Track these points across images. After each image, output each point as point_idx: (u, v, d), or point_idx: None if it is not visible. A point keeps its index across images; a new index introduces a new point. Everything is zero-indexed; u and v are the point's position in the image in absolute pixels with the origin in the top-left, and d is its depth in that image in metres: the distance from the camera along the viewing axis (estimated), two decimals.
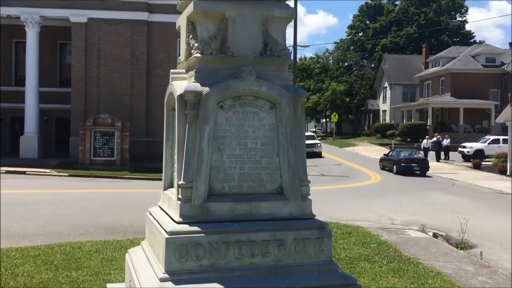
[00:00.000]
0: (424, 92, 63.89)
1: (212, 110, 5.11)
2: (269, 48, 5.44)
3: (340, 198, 19.28)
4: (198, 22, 5.36)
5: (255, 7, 5.35)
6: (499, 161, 31.25)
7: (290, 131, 5.34)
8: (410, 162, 29.50)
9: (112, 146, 26.48)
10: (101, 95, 29.20)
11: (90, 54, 29.18)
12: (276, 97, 5.28)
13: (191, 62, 5.51)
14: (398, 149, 36.25)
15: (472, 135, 50.15)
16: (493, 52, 58.98)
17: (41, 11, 28.62)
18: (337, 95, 72.34)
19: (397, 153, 31.66)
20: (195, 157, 5.10)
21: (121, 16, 29.17)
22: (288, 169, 5.33)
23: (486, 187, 23.90)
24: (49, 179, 22.20)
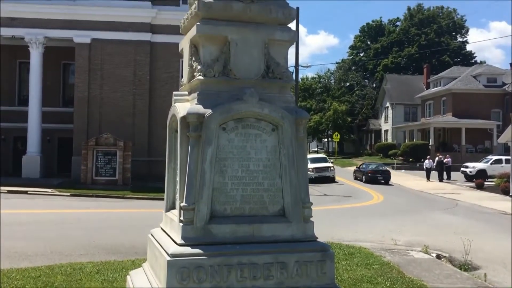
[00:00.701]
0: (426, 112, 64.00)
1: (214, 132, 5.14)
2: (271, 70, 5.49)
3: (342, 218, 19.19)
4: (201, 45, 5.42)
5: (258, 31, 5.41)
6: (502, 181, 31.14)
7: (292, 153, 5.36)
8: (375, 173, 36.75)
9: (114, 165, 26.50)
10: (103, 114, 29.31)
11: (93, 74, 29.38)
12: (278, 119, 5.31)
13: (193, 84, 5.55)
14: (368, 162, 44.09)
15: (474, 155, 50.09)
16: (494, 72, 59.23)
17: (45, 31, 28.90)
18: (339, 115, 72.54)
19: (366, 166, 39.15)
20: (197, 179, 5.11)
21: (125, 37, 29.45)
22: (290, 191, 5.34)
23: (489, 207, 23.76)
24: (50, 199, 22.17)
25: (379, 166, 38.88)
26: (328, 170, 36.43)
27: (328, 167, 36.70)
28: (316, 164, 36.23)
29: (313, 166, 35.54)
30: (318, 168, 35.97)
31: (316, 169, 35.82)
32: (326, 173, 36.12)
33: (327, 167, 36.70)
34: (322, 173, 35.81)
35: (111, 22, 29.27)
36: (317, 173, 35.54)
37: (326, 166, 36.72)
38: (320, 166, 36.35)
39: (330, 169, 36.66)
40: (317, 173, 35.59)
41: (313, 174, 35.11)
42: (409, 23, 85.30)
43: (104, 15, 29.10)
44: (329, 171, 36.43)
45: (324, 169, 36.28)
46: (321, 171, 36.03)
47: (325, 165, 36.74)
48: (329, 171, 36.45)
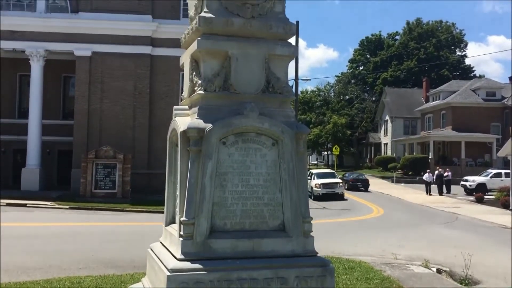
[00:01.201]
0: (425, 125, 64.10)
1: (214, 146, 5.15)
2: (271, 85, 5.52)
3: (342, 232, 19.12)
4: (202, 59, 5.45)
5: (258, 46, 5.45)
6: (502, 195, 31.08)
7: (293, 168, 5.36)
8: (356, 181, 42.10)
9: (114, 178, 26.46)
10: (103, 127, 29.33)
11: (94, 87, 29.45)
12: (278, 133, 5.32)
13: (194, 99, 5.57)
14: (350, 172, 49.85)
15: (474, 168, 50.06)
16: (493, 86, 59.45)
17: (46, 45, 29.02)
18: (338, 128, 72.63)
19: (348, 175, 44.88)
20: (197, 193, 5.10)
21: (125, 50, 29.56)
22: (290, 205, 5.33)
23: (489, 221, 23.70)
24: (49, 212, 22.10)
25: (359, 176, 44.41)
26: (337, 186, 33.99)
27: (336, 183, 34.23)
28: (323, 180, 34.10)
29: (320, 182, 33.75)
30: (326, 184, 33.69)
31: (324, 185, 33.59)
32: (334, 189, 33.64)
33: (336, 183, 34.22)
34: (330, 190, 33.37)
35: (111, 35, 29.41)
36: (325, 190, 33.32)
37: (334, 182, 34.22)
38: (328, 182, 33.86)
39: (339, 185, 34.23)
40: (324, 189, 33.37)
41: (320, 190, 33.30)
42: (408, 37, 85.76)
43: (105, 28, 29.25)
44: (337, 188, 33.95)
45: (332, 185, 33.80)
46: (329, 187, 33.56)
47: (333, 181, 34.27)
48: (338, 188, 33.99)
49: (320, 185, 33.47)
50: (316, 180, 34.12)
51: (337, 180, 34.75)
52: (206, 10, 5.38)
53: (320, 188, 33.28)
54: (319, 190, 33.22)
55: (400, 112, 68.85)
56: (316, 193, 33.14)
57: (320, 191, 33.20)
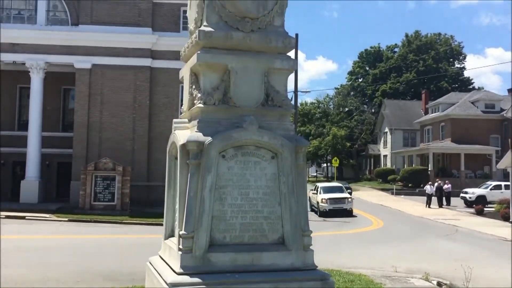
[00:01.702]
0: (425, 137, 64.14)
1: (214, 159, 5.15)
2: (271, 98, 5.53)
3: (342, 244, 19.05)
4: (201, 73, 5.47)
5: (258, 59, 5.47)
6: (502, 207, 31.00)
7: (292, 181, 5.36)
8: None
9: (113, 190, 26.41)
10: (103, 139, 29.33)
11: (93, 99, 29.50)
12: (278, 147, 5.33)
13: (193, 112, 5.58)
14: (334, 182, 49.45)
15: (474, 180, 49.99)
16: (492, 98, 59.56)
17: (46, 57, 29.11)
18: (338, 140, 72.66)
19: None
20: (196, 207, 5.10)
21: (125, 62, 29.64)
22: (290, 219, 5.32)
23: (489, 233, 23.61)
24: (48, 224, 22.02)
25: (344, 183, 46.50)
26: (345, 201, 31.08)
27: (344, 198, 31.33)
28: (330, 195, 31.37)
29: (327, 197, 31.08)
30: (333, 199, 30.93)
31: (331, 200, 30.84)
32: (342, 205, 30.83)
33: (344, 198, 31.32)
34: (337, 205, 30.64)
35: (111, 47, 29.52)
36: (332, 205, 30.60)
37: (342, 197, 31.37)
38: (336, 197, 31.08)
39: (348, 201, 31.24)
40: (331, 205, 30.61)
41: (327, 206, 30.65)
42: (407, 49, 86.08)
43: (105, 40, 29.36)
44: (346, 203, 31.03)
45: (340, 200, 31.03)
46: (337, 202, 30.79)
47: (341, 196, 31.43)
48: (346, 203, 31.05)
49: (327, 200, 30.91)
50: (322, 194, 31.67)
51: (345, 195, 31.96)
52: (206, 24, 5.41)
53: (327, 204, 30.76)
54: (326, 206, 30.71)
55: (399, 124, 68.92)
56: (322, 209, 30.77)
57: (327, 206, 30.67)
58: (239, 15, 5.44)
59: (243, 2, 5.42)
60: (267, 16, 5.53)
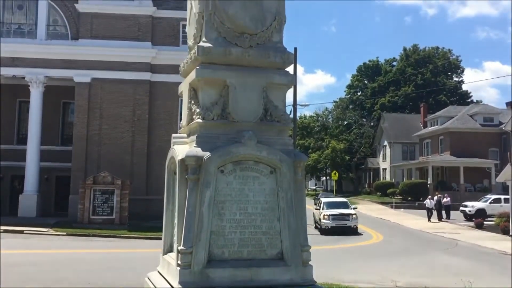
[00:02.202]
0: (424, 151, 64.15)
1: (213, 175, 5.15)
2: (269, 113, 5.55)
3: (341, 258, 18.96)
4: (200, 88, 5.49)
5: (256, 75, 5.50)
6: (502, 220, 30.91)
7: (291, 196, 5.35)
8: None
9: (112, 204, 26.33)
10: (102, 153, 29.32)
11: (93, 113, 29.54)
12: (276, 161, 5.33)
13: (192, 127, 5.59)
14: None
15: (473, 194, 49.89)
16: (490, 111, 59.68)
17: (46, 71, 29.21)
18: (337, 153, 72.65)
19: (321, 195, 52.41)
20: (195, 222, 5.08)
21: (124, 76, 29.75)
22: (288, 234, 5.31)
23: (489, 247, 23.53)
24: (46, 239, 21.91)
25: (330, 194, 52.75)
26: (349, 218, 28.44)
27: (349, 214, 28.67)
28: (333, 210, 28.93)
29: (329, 213, 28.69)
30: (336, 216, 28.46)
31: (334, 217, 28.38)
32: (346, 222, 28.31)
33: (348, 214, 28.66)
34: (341, 222, 28.19)
35: (111, 61, 29.64)
36: (335, 222, 28.19)
37: (346, 213, 28.73)
38: (339, 213, 28.54)
39: (352, 218, 28.55)
40: (334, 221, 28.22)
41: (329, 223, 28.27)
42: (405, 63, 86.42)
43: (105, 55, 29.50)
44: (350, 220, 28.44)
45: (344, 217, 28.44)
46: (340, 219, 28.31)
47: (345, 212, 28.81)
48: (351, 220, 28.45)
49: (329, 217, 28.44)
50: (325, 210, 29.29)
51: (350, 211, 29.20)
52: (205, 40, 5.44)
53: (329, 220, 28.34)
54: (328, 223, 28.30)
55: (398, 137, 68.95)
56: (324, 226, 28.43)
57: (329, 223, 28.27)
58: (238, 31, 5.48)
59: (242, 18, 5.46)
60: (265, 32, 5.57)
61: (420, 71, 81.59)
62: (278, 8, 5.68)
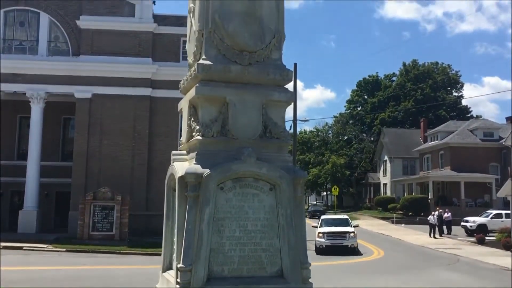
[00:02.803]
0: (424, 166, 64.10)
1: (212, 192, 5.14)
2: (269, 130, 5.56)
3: (341, 274, 18.85)
4: (200, 105, 5.51)
5: (256, 92, 5.52)
6: (503, 236, 30.78)
7: (290, 213, 5.34)
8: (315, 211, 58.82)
9: (112, 220, 26.27)
10: (102, 169, 29.31)
11: (93, 128, 29.59)
12: (276, 178, 5.33)
13: (192, 144, 5.60)
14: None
15: (474, 209, 49.76)
16: (490, 126, 59.74)
17: (47, 87, 29.32)
18: (337, 168, 72.60)
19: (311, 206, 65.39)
20: (195, 240, 5.07)
21: (125, 92, 29.85)
22: (288, 251, 5.29)
23: (491, 263, 23.40)
24: (46, 255, 21.82)
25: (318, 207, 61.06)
26: (346, 237, 25.88)
27: (346, 232, 26.09)
28: (329, 228, 26.60)
29: (324, 231, 26.26)
30: (331, 234, 26.04)
31: (328, 235, 25.93)
32: (343, 241, 25.75)
33: (345, 232, 26.08)
34: (336, 241, 25.72)
35: (112, 77, 29.75)
36: (329, 241, 25.75)
37: (343, 231, 26.18)
38: (335, 231, 26.10)
39: (349, 236, 25.97)
40: (329, 240, 25.76)
41: (323, 241, 25.92)
42: (405, 78, 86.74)
43: (105, 70, 29.63)
44: (347, 239, 25.86)
45: (340, 235, 25.94)
46: (335, 237, 25.83)
47: (342, 230, 26.30)
48: (348, 239, 25.86)
49: (324, 235, 26.09)
50: (322, 227, 27.00)
51: (348, 229, 26.56)
52: (205, 57, 5.48)
53: (323, 239, 26.02)
54: (323, 241, 26.00)
55: (398, 152, 68.93)
56: (318, 245, 26.14)
57: (324, 242, 25.92)
58: (237, 49, 5.52)
59: (241, 36, 5.51)
60: (265, 50, 5.61)
61: (419, 86, 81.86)
62: (278, 26, 5.73)
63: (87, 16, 29.98)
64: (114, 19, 30.20)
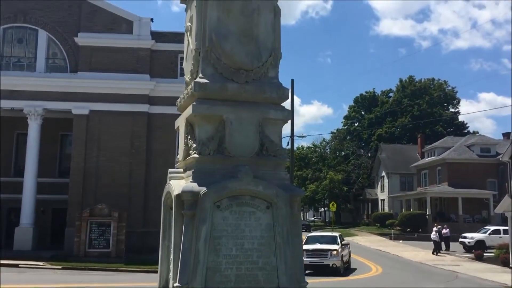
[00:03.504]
0: (422, 181, 64.11)
1: (209, 210, 5.13)
2: (265, 148, 5.57)
3: None
4: (197, 123, 5.52)
5: (252, 110, 5.54)
6: (501, 252, 30.67)
7: (287, 231, 5.33)
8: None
9: (108, 237, 26.11)
10: (99, 185, 29.19)
11: (90, 145, 29.53)
12: (273, 196, 5.32)
13: (188, 162, 5.60)
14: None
15: (472, 225, 49.69)
16: (487, 142, 59.91)
17: (44, 103, 29.31)
18: (335, 184, 72.53)
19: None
20: (191, 258, 5.04)
21: (123, 108, 29.84)
22: (285, 270, 5.26)
23: (490, 280, 23.28)
24: (41, 273, 21.63)
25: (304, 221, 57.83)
26: (327, 255, 23.45)
27: (326, 250, 23.66)
28: (311, 246, 24.45)
29: (305, 248, 22.48)
30: (310, 252, 23.63)
31: (308, 253, 23.08)
32: (323, 259, 23.31)
33: (325, 250, 23.67)
34: (315, 260, 23.37)
35: (109, 94, 29.78)
36: (309, 259, 22.57)
37: (323, 249, 23.80)
38: (315, 249, 23.94)
39: (332, 254, 23.49)
40: (308, 258, 22.46)
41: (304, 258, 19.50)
42: (402, 94, 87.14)
43: (103, 87, 29.67)
44: (328, 257, 23.42)
45: (319, 253, 23.53)
46: (315, 255, 23.55)
47: (322, 248, 23.96)
48: (329, 257, 23.44)
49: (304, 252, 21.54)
50: (305, 245, 23.36)
51: (330, 247, 23.96)
52: (201, 75, 5.51)
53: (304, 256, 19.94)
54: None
55: (396, 168, 68.98)
56: None
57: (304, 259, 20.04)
58: (234, 67, 5.55)
59: (238, 54, 5.54)
60: (261, 68, 5.65)
61: (416, 102, 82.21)
62: (274, 44, 5.77)
63: (85, 33, 30.11)
64: (112, 36, 30.34)
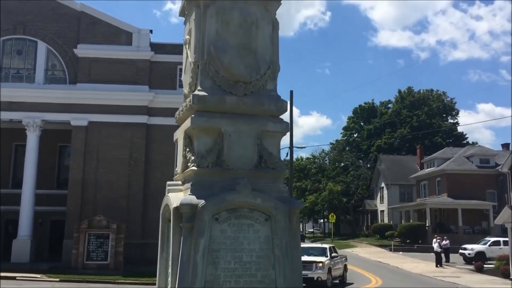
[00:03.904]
0: (421, 192, 64.01)
1: (207, 223, 5.11)
2: (264, 160, 5.56)
3: None
4: (195, 136, 5.52)
5: (251, 123, 5.54)
6: (501, 264, 30.55)
7: (286, 244, 5.30)
8: None
9: (106, 249, 25.98)
10: (98, 197, 29.10)
11: (89, 156, 29.48)
12: (271, 209, 5.31)
13: (187, 175, 5.59)
14: None
15: (472, 236, 49.51)
16: (486, 153, 59.89)
17: (43, 115, 29.29)
18: (334, 195, 72.38)
19: None
20: (189, 271, 5.01)
21: (121, 119, 29.83)
22: (284, 283, 5.23)
23: None
24: (39, 285, 21.49)
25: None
26: (312, 267, 21.67)
27: (311, 262, 21.87)
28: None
29: None
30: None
31: None
32: (307, 272, 20.49)
33: (310, 262, 21.77)
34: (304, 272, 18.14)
35: (108, 105, 29.78)
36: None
37: (308, 260, 21.54)
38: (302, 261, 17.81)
39: (316, 267, 21.85)
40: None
41: None
42: (401, 105, 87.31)
43: (102, 98, 29.67)
44: (313, 270, 21.65)
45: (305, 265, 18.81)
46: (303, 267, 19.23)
47: (308, 260, 21.77)
48: (314, 270, 21.71)
49: None
50: None
51: (315, 259, 22.36)
52: (200, 88, 5.51)
53: None
54: None
55: (395, 179, 68.90)
56: None
57: None
58: (232, 80, 5.56)
59: (236, 67, 5.55)
60: (259, 81, 5.65)
61: (415, 113, 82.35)
62: (272, 57, 5.78)
63: (84, 44, 30.19)
64: (112, 47, 30.42)
